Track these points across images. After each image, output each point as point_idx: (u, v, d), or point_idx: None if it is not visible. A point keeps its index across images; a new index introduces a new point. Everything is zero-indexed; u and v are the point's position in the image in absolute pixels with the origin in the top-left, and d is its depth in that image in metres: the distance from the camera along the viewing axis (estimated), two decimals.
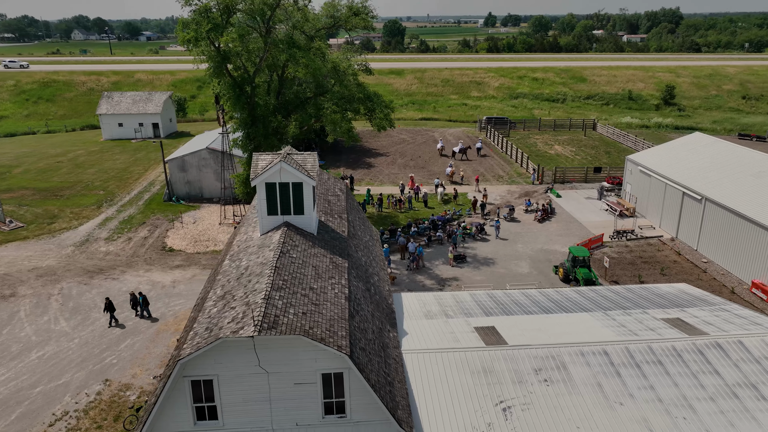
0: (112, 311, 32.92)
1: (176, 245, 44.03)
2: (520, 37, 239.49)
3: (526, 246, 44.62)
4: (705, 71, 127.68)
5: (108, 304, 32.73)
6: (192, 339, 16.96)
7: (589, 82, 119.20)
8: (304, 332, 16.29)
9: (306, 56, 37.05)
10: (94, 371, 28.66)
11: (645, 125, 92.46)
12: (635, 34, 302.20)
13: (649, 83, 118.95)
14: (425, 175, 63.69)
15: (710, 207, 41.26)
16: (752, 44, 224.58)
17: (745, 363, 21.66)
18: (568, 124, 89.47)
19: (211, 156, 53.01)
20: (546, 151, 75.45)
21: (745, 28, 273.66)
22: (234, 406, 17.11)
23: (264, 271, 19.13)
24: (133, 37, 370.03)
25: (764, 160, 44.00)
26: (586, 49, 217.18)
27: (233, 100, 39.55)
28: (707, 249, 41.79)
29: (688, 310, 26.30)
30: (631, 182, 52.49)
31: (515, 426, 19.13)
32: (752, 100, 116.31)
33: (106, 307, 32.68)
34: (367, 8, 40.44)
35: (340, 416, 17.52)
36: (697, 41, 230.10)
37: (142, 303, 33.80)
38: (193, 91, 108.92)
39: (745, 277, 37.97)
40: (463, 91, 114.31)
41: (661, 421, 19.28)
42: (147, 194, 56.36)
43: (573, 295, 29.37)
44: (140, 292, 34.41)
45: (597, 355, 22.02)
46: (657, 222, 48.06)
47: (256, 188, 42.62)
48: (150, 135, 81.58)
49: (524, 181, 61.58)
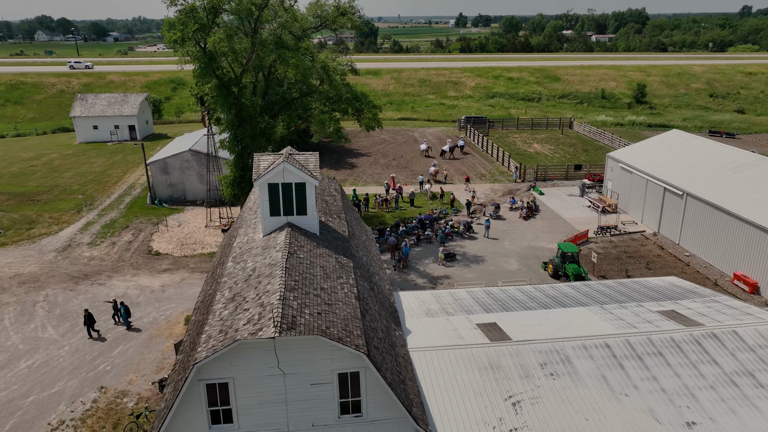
0: (91, 324, 31.46)
1: (162, 249, 43.32)
2: (492, 37, 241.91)
3: (514, 243, 45.16)
4: (674, 70, 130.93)
5: (87, 316, 31.30)
6: (206, 342, 16.76)
7: (563, 82, 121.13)
8: (322, 332, 16.24)
9: (295, 56, 36.87)
10: (88, 379, 28.04)
11: (619, 123, 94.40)
12: (603, 34, 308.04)
13: (621, 82, 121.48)
14: (408, 174, 63.94)
15: (691, 202, 42.38)
16: (715, 44, 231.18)
17: (740, 352, 22.34)
18: (545, 123, 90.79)
19: (194, 158, 52.30)
20: (525, 149, 76.42)
21: (708, 28, 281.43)
22: (250, 409, 16.96)
23: (274, 271, 19.01)
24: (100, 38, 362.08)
25: (740, 156, 45.39)
26: (557, 49, 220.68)
27: (221, 101, 39.09)
28: (689, 243, 42.91)
29: (681, 302, 26.98)
30: (612, 179, 53.55)
31: (526, 420, 19.39)
32: (719, 98, 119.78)
33: (85, 320, 31.23)
34: (354, 8, 40.44)
35: (355, 416, 17.52)
36: (663, 41, 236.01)
37: (123, 313, 32.50)
38: (168, 93, 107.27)
39: (726, 270, 39.09)
40: (440, 91, 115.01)
41: (666, 411, 19.76)
42: (128, 198, 55.31)
43: (568, 290, 29.85)
44: (122, 302, 33.20)
45: (599, 348, 22.45)
46: (639, 217, 49.14)
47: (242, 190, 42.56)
48: (126, 137, 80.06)
49: (507, 180, 62.29)
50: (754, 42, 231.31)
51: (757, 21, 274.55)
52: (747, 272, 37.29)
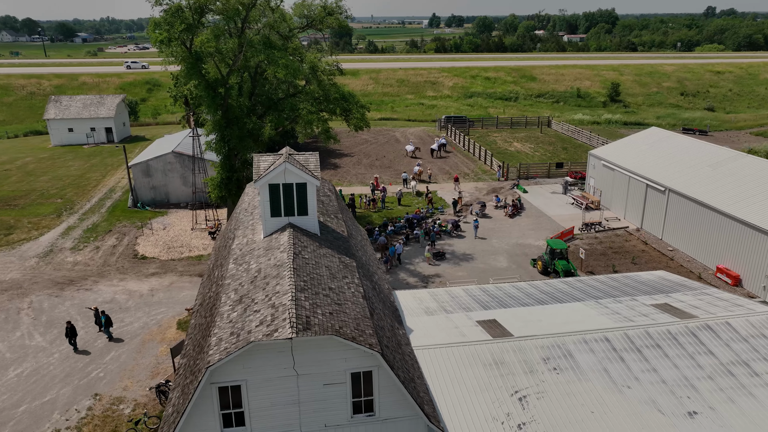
0: (73, 336, 30.23)
1: (149, 252, 42.63)
2: (467, 37, 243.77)
3: (501, 241, 45.60)
4: (645, 69, 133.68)
5: (69, 329, 30.08)
6: (217, 345, 16.57)
7: (539, 81, 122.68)
8: (335, 332, 16.20)
9: (284, 57, 36.65)
10: (81, 386, 27.45)
11: (596, 121, 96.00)
12: (575, 34, 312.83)
13: (595, 81, 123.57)
14: (392, 174, 64.05)
15: (673, 197, 43.35)
16: (683, 44, 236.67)
17: (735, 342, 22.95)
18: (524, 122, 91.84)
19: (177, 160, 51.57)
20: (506, 148, 77.21)
21: (676, 28, 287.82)
22: (262, 411, 16.83)
23: (281, 272, 18.89)
24: (68, 39, 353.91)
25: (718, 152, 46.60)
26: (530, 48, 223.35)
27: (208, 101, 38.62)
28: (672, 238, 43.88)
29: (673, 296, 27.61)
30: (595, 176, 54.46)
31: (533, 414, 19.63)
32: (690, 96, 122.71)
33: (67, 332, 30.09)
34: (341, 8, 40.35)
35: (368, 415, 17.52)
36: (633, 41, 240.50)
37: (104, 323, 31.34)
38: (144, 94, 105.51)
39: (709, 263, 40.10)
40: (418, 91, 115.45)
41: (668, 401, 20.20)
42: (109, 201, 54.25)
43: (562, 286, 30.29)
44: (103, 311, 32.06)
45: (599, 342, 22.83)
46: (622, 214, 50.07)
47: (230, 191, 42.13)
48: (103, 140, 78.51)
49: (490, 178, 62.85)
50: (719, 42, 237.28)
51: (721, 21, 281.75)
52: (729, 265, 38.30)
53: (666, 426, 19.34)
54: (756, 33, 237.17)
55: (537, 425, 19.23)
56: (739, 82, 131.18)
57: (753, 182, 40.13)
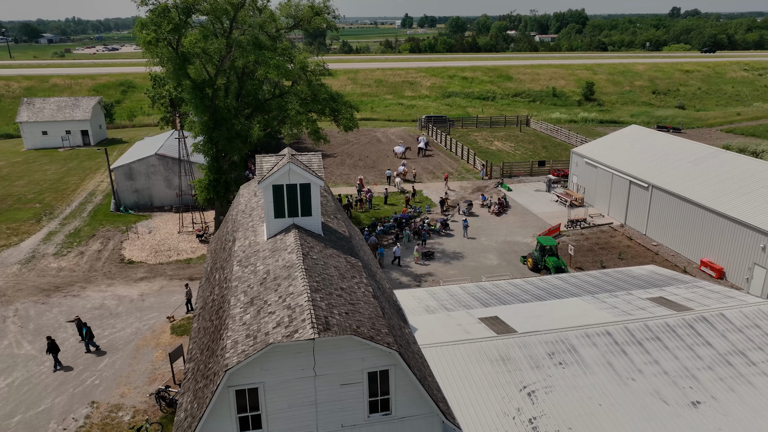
0: (55, 353, 28.62)
1: (135, 257, 41.88)
2: (441, 38, 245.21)
3: (490, 239, 46.02)
4: (618, 68, 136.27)
5: (51, 344, 28.42)
6: (233, 347, 16.40)
7: (516, 81, 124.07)
8: (354, 332, 16.18)
9: (273, 57, 36.42)
10: (77, 394, 26.85)
11: (573, 120, 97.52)
12: (546, 34, 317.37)
13: (570, 80, 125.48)
14: (376, 174, 64.11)
15: (657, 194, 44.32)
16: (652, 43, 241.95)
17: (730, 333, 23.61)
18: (503, 121, 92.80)
19: (160, 162, 50.75)
20: (487, 147, 77.91)
21: (643, 28, 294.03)
22: (279, 413, 16.70)
23: (293, 273, 18.78)
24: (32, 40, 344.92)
25: (698, 149, 47.81)
26: (503, 49, 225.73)
27: (196, 102, 38.13)
28: (655, 233, 44.86)
29: (666, 289, 28.25)
30: (577, 174, 55.33)
31: (543, 409, 19.90)
32: (661, 94, 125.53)
33: (48, 348, 28.41)
34: (328, 8, 40.23)
35: (384, 414, 17.52)
36: (603, 41, 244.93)
37: (86, 335, 29.90)
38: (118, 96, 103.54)
39: (693, 257, 41.11)
40: (397, 91, 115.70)
41: (671, 392, 20.68)
42: (90, 205, 53.10)
43: (557, 282, 30.75)
44: (85, 322, 30.73)
45: (601, 336, 23.25)
46: (605, 210, 50.99)
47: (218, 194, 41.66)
48: (79, 143, 76.79)
49: (474, 177, 63.36)
50: (685, 41, 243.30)
51: (687, 22, 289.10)
52: (713, 259, 39.33)
53: (671, 416, 19.81)
54: (720, 33, 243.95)
55: (548, 419, 19.51)
56: (707, 81, 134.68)
57: (733, 178, 41.28)
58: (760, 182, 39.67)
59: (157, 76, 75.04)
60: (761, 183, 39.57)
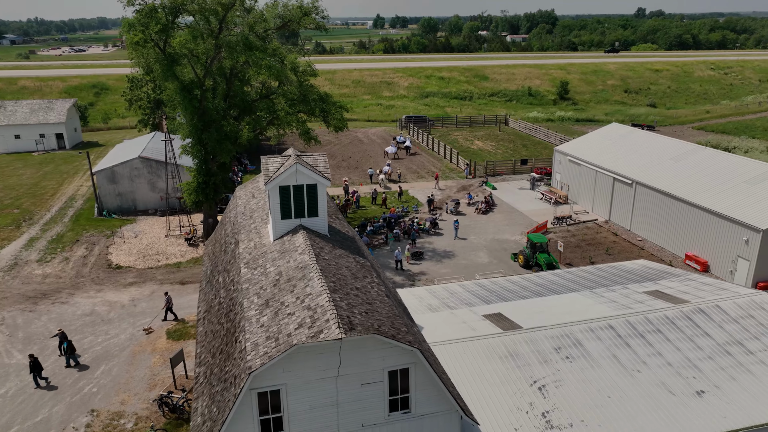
0: (38, 372, 27.14)
1: (123, 261, 41.10)
2: (414, 38, 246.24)
3: (479, 237, 46.46)
4: (590, 68, 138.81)
5: (33, 363, 26.90)
6: (255, 350, 16.29)
7: (492, 80, 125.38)
8: (376, 331, 16.22)
9: (264, 57, 36.18)
10: (75, 403, 26.26)
11: (550, 119, 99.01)
12: (517, 34, 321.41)
13: (545, 80, 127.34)
14: (360, 174, 64.11)
15: (641, 190, 45.33)
16: (620, 43, 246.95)
17: (727, 324, 24.33)
18: (483, 120, 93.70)
19: (144, 165, 49.88)
20: (468, 146, 78.58)
21: (612, 28, 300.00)
22: (301, 414, 16.64)
23: (308, 274, 18.72)
24: None
25: (678, 146, 49.05)
26: (476, 49, 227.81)
27: (185, 104, 37.60)
28: (640, 228, 45.87)
29: (660, 282, 28.95)
30: (561, 171, 56.22)
31: (554, 402, 20.23)
32: (633, 93, 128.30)
33: (31, 367, 26.96)
34: (317, 8, 40.09)
35: (404, 412, 17.59)
36: (573, 41, 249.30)
37: (66, 349, 28.47)
38: (91, 98, 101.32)
39: (678, 251, 42.16)
40: (375, 92, 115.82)
41: (676, 382, 21.23)
42: (71, 210, 51.89)
43: (553, 278, 31.23)
44: (63, 332, 29.20)
45: (605, 329, 23.73)
46: (590, 207, 51.93)
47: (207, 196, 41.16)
48: (53, 146, 74.94)
49: (458, 176, 63.85)
50: (652, 41, 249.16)
51: (653, 22, 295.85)
52: (697, 252, 40.41)
53: (678, 406, 20.33)
54: (685, 33, 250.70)
55: (560, 413, 19.84)
56: (676, 80, 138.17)
57: (714, 173, 42.48)
58: (740, 177, 40.92)
59: (134, 77, 73.82)
60: (741, 178, 40.81)
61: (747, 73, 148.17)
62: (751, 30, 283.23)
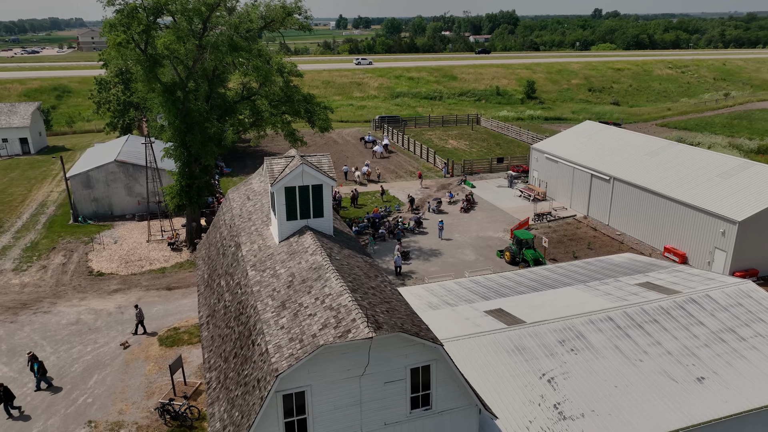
0: (9, 401, 25.46)
1: (105, 268, 40.02)
2: (379, 38, 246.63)
3: (463, 235, 46.95)
4: (555, 67, 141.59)
5: (4, 392, 25.32)
6: (278, 352, 16.17)
7: (460, 80, 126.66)
8: (401, 329, 16.31)
9: (251, 58, 35.80)
10: (70, 415, 25.50)
11: (520, 117, 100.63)
12: (479, 34, 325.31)
13: (512, 79, 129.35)
14: (338, 175, 63.92)
15: (618, 185, 46.59)
16: (581, 43, 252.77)
17: (719, 312, 25.27)
18: (455, 120, 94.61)
19: (120, 169, 48.65)
20: (443, 146, 79.25)
21: (571, 29, 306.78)
22: (325, 415, 16.60)
23: (323, 274, 18.66)
24: None
25: (652, 142, 50.58)
26: (441, 49, 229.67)
27: (168, 106, 36.87)
28: (618, 223, 47.13)
29: (650, 275, 29.84)
30: (538, 169, 57.28)
31: (564, 394, 20.67)
32: (596, 92, 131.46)
33: (1, 398, 25.42)
34: (300, 8, 39.87)
35: (425, 409, 17.72)
36: (535, 41, 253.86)
37: (37, 371, 26.77)
38: (53, 101, 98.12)
39: (656, 244, 43.50)
40: (345, 92, 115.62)
41: (677, 370, 21.96)
42: (43, 217, 50.20)
43: (546, 273, 31.83)
44: (33, 354, 27.43)
45: (604, 321, 24.34)
46: (568, 203, 53.07)
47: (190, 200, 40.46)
48: (17, 151, 72.29)
49: (436, 175, 64.35)
50: (611, 41, 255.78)
51: (611, 22, 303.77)
52: (675, 245, 41.78)
53: (681, 392, 21.05)
54: (641, 33, 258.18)
55: (571, 404, 20.29)
56: (637, 78, 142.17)
57: (689, 168, 43.98)
58: (714, 171, 42.49)
59: (102, 79, 71.90)
60: (714, 172, 42.38)
61: (702, 71, 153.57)
62: (702, 30, 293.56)
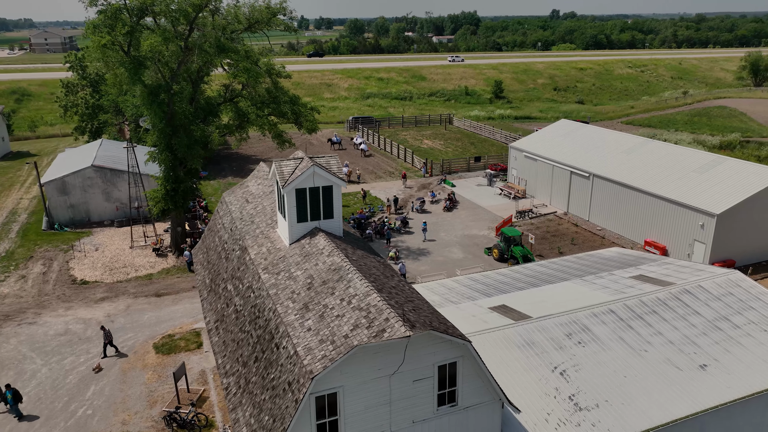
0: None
1: (89, 276, 38.91)
2: (343, 39, 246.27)
3: (449, 234, 47.41)
4: (521, 67, 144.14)
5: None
6: (309, 354, 16.12)
7: (429, 81, 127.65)
8: (431, 327, 16.46)
9: (237, 59, 35.39)
10: (70, 427, 24.74)
11: (490, 117, 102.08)
12: (442, 35, 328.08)
13: (480, 80, 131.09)
14: None
15: (598, 182, 47.82)
16: (542, 43, 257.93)
17: (712, 302, 26.26)
18: (428, 120, 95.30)
19: (97, 174, 47.33)
20: (418, 146, 79.74)
21: (531, 29, 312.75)
22: (355, 416, 16.63)
23: (345, 275, 18.65)
24: None
25: (627, 139, 52.09)
26: (405, 50, 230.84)
27: (153, 108, 36.08)
28: (598, 218, 48.37)
29: (641, 267, 30.77)
30: (517, 167, 58.27)
31: (578, 386, 21.18)
32: (561, 91, 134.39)
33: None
34: (285, 8, 39.60)
35: (451, 405, 17.93)
36: (497, 41, 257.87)
37: (11, 399, 25.14)
38: (12, 105, 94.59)
39: (637, 238, 44.82)
40: (315, 93, 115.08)
41: (680, 358, 22.76)
42: (15, 225, 48.42)
43: (541, 269, 32.46)
44: (8, 384, 25.63)
45: (606, 314, 25.00)
46: (548, 200, 54.15)
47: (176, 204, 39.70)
48: None
49: (415, 175, 64.72)
50: (570, 41, 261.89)
51: (569, 23, 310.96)
52: (655, 238, 43.14)
53: (686, 380, 21.82)
54: (599, 33, 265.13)
55: (585, 395, 20.81)
56: (600, 78, 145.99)
57: (666, 164, 45.47)
58: (689, 167, 44.06)
59: (69, 82, 69.79)
60: (690, 167, 43.95)
61: (660, 70, 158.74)
62: (656, 31, 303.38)
